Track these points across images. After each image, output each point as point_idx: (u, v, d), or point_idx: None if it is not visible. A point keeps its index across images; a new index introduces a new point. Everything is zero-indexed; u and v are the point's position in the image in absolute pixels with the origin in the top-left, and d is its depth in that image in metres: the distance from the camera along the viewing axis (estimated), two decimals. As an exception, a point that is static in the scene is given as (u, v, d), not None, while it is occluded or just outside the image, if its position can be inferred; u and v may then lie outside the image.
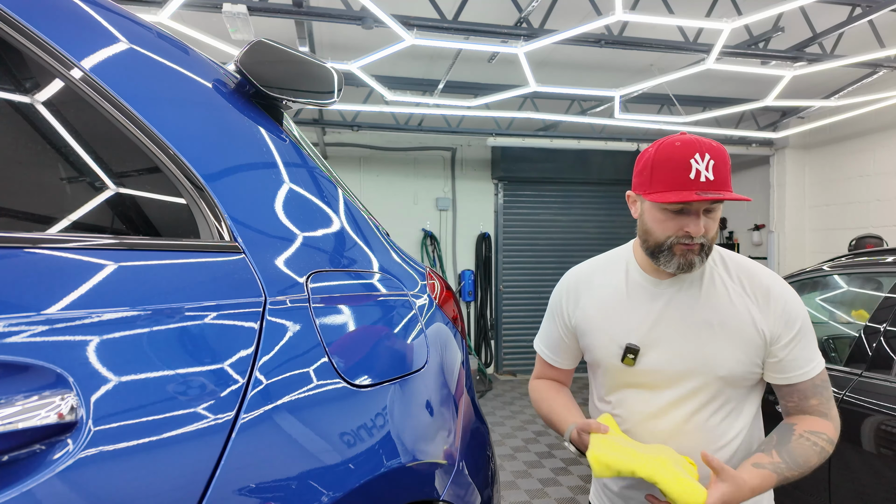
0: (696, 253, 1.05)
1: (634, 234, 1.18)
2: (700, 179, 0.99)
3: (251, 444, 0.66)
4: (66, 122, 0.66)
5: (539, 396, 1.33)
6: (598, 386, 1.24)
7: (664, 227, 1.06)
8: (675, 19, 3.15)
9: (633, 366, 1.13)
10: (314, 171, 0.97)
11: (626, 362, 1.13)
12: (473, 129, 5.99)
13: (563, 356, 1.31)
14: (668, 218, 1.05)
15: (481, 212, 6.97)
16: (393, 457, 0.85)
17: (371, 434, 0.82)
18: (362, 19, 3.12)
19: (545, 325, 1.33)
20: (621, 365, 1.14)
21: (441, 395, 1.03)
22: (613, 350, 1.15)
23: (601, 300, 1.19)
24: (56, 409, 0.53)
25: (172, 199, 0.73)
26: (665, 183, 1.02)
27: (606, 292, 1.19)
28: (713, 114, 4.93)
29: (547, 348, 1.33)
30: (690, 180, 1.00)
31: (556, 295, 1.29)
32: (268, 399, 0.69)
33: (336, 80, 0.98)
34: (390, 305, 0.99)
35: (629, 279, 1.18)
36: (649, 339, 1.12)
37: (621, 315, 1.16)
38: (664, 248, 1.06)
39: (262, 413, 0.68)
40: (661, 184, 1.03)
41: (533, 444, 4.39)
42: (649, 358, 1.12)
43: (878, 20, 3.70)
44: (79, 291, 0.59)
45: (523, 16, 3.49)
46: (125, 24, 0.77)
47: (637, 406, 1.15)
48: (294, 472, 0.70)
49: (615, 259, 1.24)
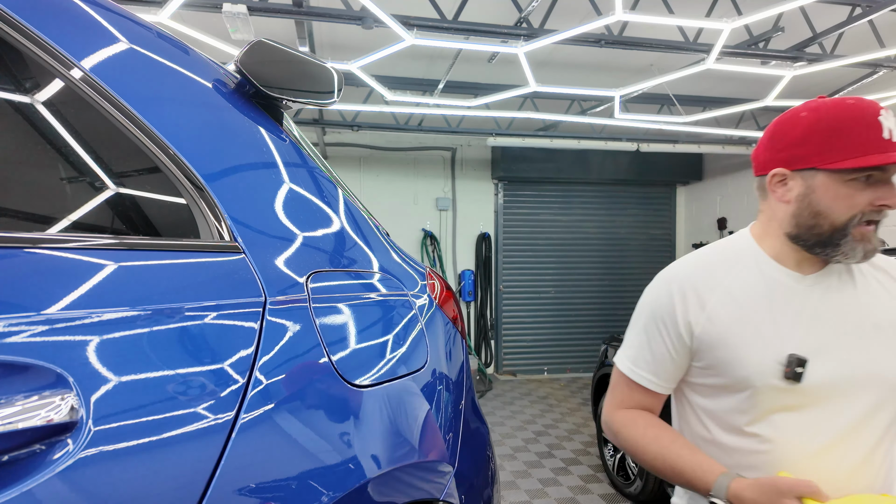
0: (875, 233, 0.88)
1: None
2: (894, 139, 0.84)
3: (251, 444, 0.66)
4: (66, 122, 0.66)
5: (639, 435, 1.00)
6: (731, 413, 0.95)
7: (851, 202, 0.86)
8: (675, 19, 3.15)
9: (800, 383, 0.88)
10: (314, 171, 0.97)
11: (789, 379, 0.88)
12: (473, 129, 5.99)
13: (669, 378, 1.01)
14: (857, 190, 0.86)
15: (481, 212, 6.97)
16: (393, 457, 0.84)
17: (371, 434, 0.82)
18: (362, 19, 3.12)
19: (639, 341, 1.03)
20: (783, 383, 0.89)
21: (441, 395, 1.03)
22: (769, 364, 0.90)
23: (736, 302, 0.94)
24: (56, 409, 0.53)
25: (172, 199, 0.73)
26: (855, 147, 0.85)
27: (740, 293, 0.95)
28: (713, 114, 4.93)
29: (647, 370, 1.02)
30: (885, 140, 0.84)
31: (661, 299, 1.00)
32: (268, 399, 0.69)
33: (336, 80, 0.98)
34: (390, 305, 0.99)
35: (765, 275, 0.95)
36: (807, 347, 0.90)
37: (766, 320, 0.92)
38: (846, 231, 0.87)
39: (262, 413, 0.68)
40: (847, 149, 0.85)
41: (533, 444, 4.40)
42: (816, 370, 0.89)
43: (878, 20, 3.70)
44: (79, 291, 0.59)
45: (523, 16, 3.49)
46: (125, 24, 0.77)
47: (799, 436, 0.90)
48: (294, 472, 0.70)
49: (735, 251, 1.00)
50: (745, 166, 6.89)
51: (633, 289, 7.09)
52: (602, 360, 3.66)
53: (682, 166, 7.04)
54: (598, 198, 7.13)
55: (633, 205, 7.24)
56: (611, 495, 3.44)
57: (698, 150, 6.16)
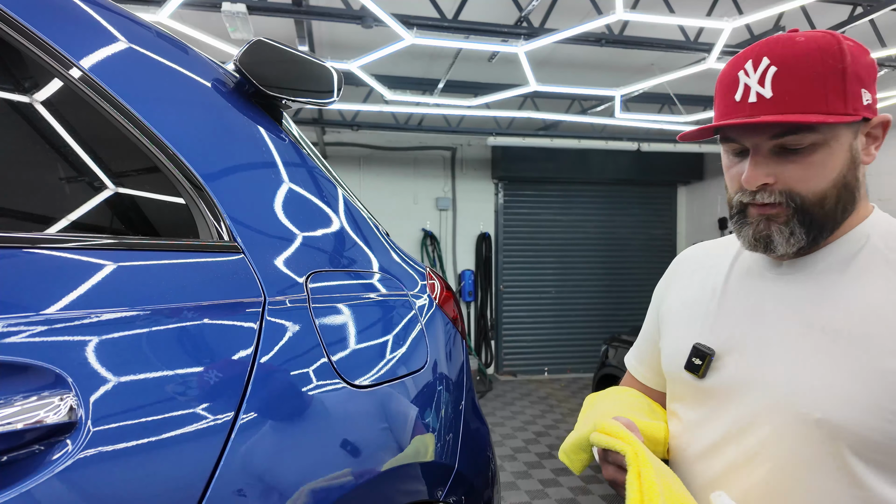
0: (780, 222, 0.68)
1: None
2: (749, 99, 0.66)
3: (251, 444, 0.66)
4: (65, 122, 0.66)
5: None
6: None
7: (729, 176, 0.73)
8: (676, 18, 3.15)
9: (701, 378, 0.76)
10: (314, 170, 0.96)
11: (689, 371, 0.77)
12: (473, 128, 5.99)
13: (650, 367, 0.94)
14: (731, 163, 0.73)
15: (481, 212, 6.96)
16: (393, 457, 0.84)
17: (371, 434, 0.82)
18: (362, 18, 3.12)
19: (641, 330, 0.97)
20: (684, 375, 0.79)
21: (441, 396, 1.03)
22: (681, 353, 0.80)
23: (692, 288, 0.85)
24: (55, 410, 0.53)
25: (171, 199, 0.73)
26: (716, 115, 0.73)
27: (703, 278, 0.84)
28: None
29: (635, 357, 0.98)
30: (735, 104, 0.68)
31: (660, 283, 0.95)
32: (267, 399, 0.69)
33: (335, 79, 0.98)
34: (390, 305, 0.99)
35: (737, 260, 0.81)
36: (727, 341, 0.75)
37: (709, 308, 0.80)
38: (735, 210, 0.73)
39: (261, 413, 0.67)
40: (715, 117, 0.73)
41: (533, 445, 4.39)
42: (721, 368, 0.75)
43: (878, 20, 3.70)
44: (78, 291, 0.59)
45: (523, 15, 3.49)
46: (124, 24, 0.77)
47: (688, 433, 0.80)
48: (294, 472, 0.70)
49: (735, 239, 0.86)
50: (745, 166, 6.87)
51: (633, 289, 7.09)
52: (603, 360, 3.66)
53: (683, 166, 7.03)
54: (599, 198, 7.12)
55: (633, 204, 7.23)
56: (611, 496, 3.44)
57: (699, 149, 6.16)
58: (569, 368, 7.07)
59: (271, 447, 0.68)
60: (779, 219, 0.68)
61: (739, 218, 0.72)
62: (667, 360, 0.85)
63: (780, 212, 0.68)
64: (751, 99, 0.66)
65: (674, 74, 4.05)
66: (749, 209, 0.70)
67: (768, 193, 0.68)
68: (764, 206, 0.68)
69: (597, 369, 3.77)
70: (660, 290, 0.93)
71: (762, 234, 0.69)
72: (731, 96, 0.69)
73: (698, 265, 0.88)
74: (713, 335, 0.77)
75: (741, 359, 0.74)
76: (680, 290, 0.87)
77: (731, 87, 0.69)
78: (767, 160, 0.67)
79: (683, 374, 0.79)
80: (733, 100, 0.68)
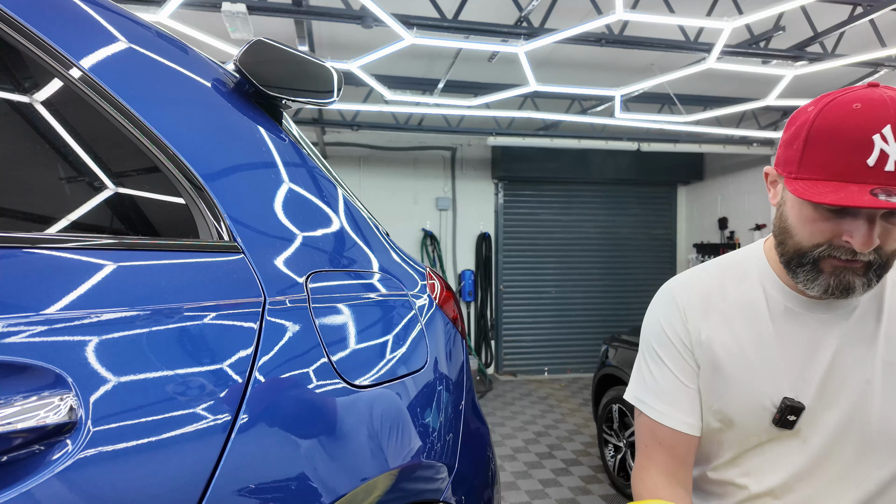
0: (859, 273, 0.70)
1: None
2: (885, 167, 0.64)
3: (251, 444, 0.65)
4: (65, 122, 0.66)
5: None
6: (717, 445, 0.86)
7: (813, 229, 0.71)
8: (676, 18, 3.15)
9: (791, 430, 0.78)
10: (314, 170, 0.96)
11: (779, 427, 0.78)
12: (473, 128, 5.99)
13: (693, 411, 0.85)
14: (822, 217, 0.70)
15: (481, 212, 6.96)
16: (393, 457, 0.84)
17: (371, 434, 0.82)
18: (362, 18, 3.12)
19: (649, 372, 0.89)
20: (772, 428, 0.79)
21: (441, 396, 1.03)
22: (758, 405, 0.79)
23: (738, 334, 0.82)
24: (55, 410, 0.53)
25: (171, 199, 0.73)
26: (823, 167, 0.68)
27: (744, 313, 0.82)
28: (714, 113, 4.92)
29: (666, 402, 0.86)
30: (867, 168, 0.64)
31: (665, 318, 0.87)
32: (267, 399, 0.69)
33: (335, 79, 0.97)
34: (390, 305, 0.99)
35: (769, 298, 0.81)
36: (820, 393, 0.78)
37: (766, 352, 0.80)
38: (807, 259, 0.73)
39: (261, 413, 0.67)
40: (816, 167, 0.68)
41: (533, 445, 4.39)
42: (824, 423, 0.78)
43: (879, 19, 3.70)
44: (78, 291, 0.59)
45: (523, 15, 3.49)
46: (124, 24, 0.77)
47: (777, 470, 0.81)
48: (294, 472, 0.70)
49: (742, 266, 0.86)
50: (746, 166, 6.88)
51: (633, 289, 7.09)
52: (603, 360, 3.66)
53: (683, 166, 7.03)
54: (599, 197, 7.12)
55: (633, 204, 7.23)
56: (611, 496, 3.44)
57: (699, 149, 6.16)
58: (569, 368, 7.07)
59: (271, 447, 0.68)
60: (858, 270, 0.71)
61: (813, 268, 0.73)
62: (738, 411, 0.82)
63: (861, 267, 0.71)
64: (888, 167, 0.64)
65: (674, 74, 4.05)
66: (827, 261, 0.72)
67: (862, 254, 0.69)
68: (850, 262, 0.70)
69: (597, 369, 3.77)
70: (686, 326, 0.86)
71: (845, 284, 0.72)
72: (860, 158, 0.65)
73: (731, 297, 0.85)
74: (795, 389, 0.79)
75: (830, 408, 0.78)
76: (722, 336, 0.84)
77: (861, 147, 0.65)
78: (875, 224, 0.68)
79: (771, 429, 0.80)
80: (864, 163, 0.65)
